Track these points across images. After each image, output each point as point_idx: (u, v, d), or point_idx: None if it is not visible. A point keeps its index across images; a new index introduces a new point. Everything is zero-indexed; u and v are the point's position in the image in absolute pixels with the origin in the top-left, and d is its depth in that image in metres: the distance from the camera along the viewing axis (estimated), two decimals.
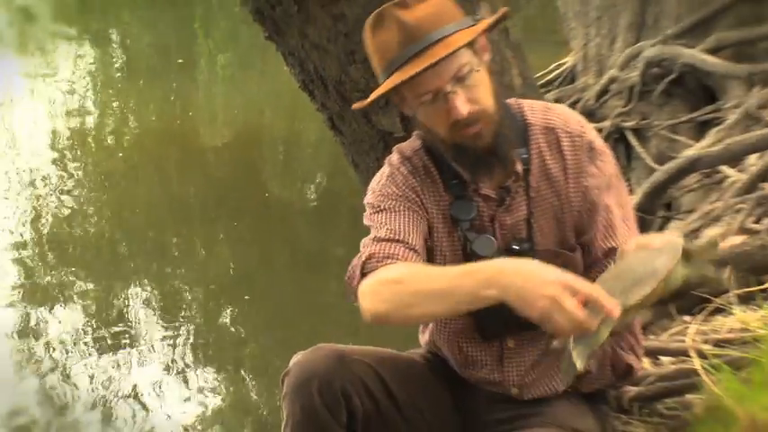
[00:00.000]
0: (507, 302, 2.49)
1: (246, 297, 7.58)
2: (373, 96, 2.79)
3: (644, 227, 4.70)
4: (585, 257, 2.89)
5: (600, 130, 8.26)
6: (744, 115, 6.71)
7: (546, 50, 10.63)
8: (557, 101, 8.61)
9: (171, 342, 6.94)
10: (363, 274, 2.78)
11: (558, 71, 9.71)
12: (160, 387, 6.31)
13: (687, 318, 4.03)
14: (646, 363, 3.69)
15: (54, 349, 6.76)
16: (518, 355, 2.96)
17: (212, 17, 17.50)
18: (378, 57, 2.78)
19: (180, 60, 13.83)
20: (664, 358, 3.73)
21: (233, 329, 7.24)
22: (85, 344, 6.85)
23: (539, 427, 2.89)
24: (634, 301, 2.45)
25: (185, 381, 6.46)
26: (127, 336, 6.94)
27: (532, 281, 2.43)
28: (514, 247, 2.85)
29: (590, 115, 8.44)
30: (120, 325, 7.05)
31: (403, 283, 2.65)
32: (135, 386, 6.29)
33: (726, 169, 5.92)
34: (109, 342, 6.87)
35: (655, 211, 5.14)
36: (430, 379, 3.06)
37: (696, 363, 3.42)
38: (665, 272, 2.46)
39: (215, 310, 7.57)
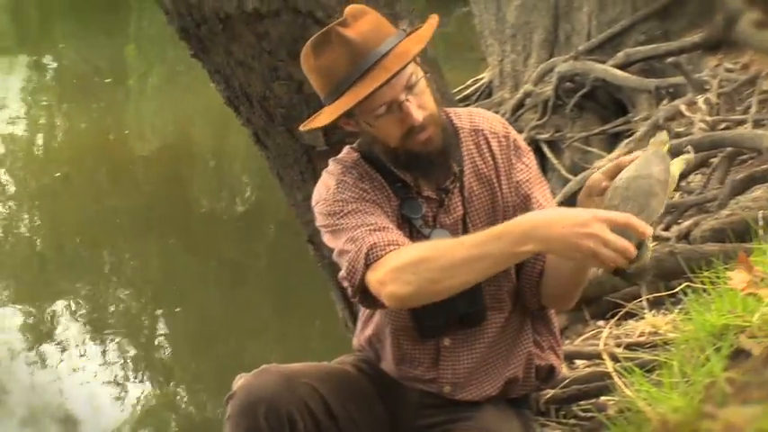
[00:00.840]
0: (549, 252, 2.64)
1: (177, 309, 7.58)
2: (332, 118, 2.76)
3: None
4: None
5: None
6: (652, 127, 6.82)
7: (464, 66, 10.75)
8: None
9: (101, 354, 6.91)
10: (367, 266, 2.75)
11: (475, 86, 9.84)
12: (91, 398, 6.29)
13: (600, 322, 4.11)
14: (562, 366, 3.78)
15: None
16: (453, 353, 3.00)
17: (143, 38, 17.34)
18: (323, 78, 2.78)
19: (108, 80, 13.68)
20: (579, 361, 3.80)
21: (163, 341, 7.23)
22: (15, 356, 6.81)
23: None
24: (659, 213, 2.55)
25: (116, 392, 6.44)
26: (57, 348, 6.90)
27: (570, 225, 2.48)
28: None
29: None
30: (51, 338, 7.01)
31: (425, 261, 2.64)
32: (66, 398, 6.25)
33: None
34: (39, 355, 6.82)
35: None
36: (364, 390, 3.07)
37: (609, 366, 3.47)
38: (668, 175, 2.56)
39: (145, 322, 7.55)
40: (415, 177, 2.91)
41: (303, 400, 2.88)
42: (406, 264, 2.67)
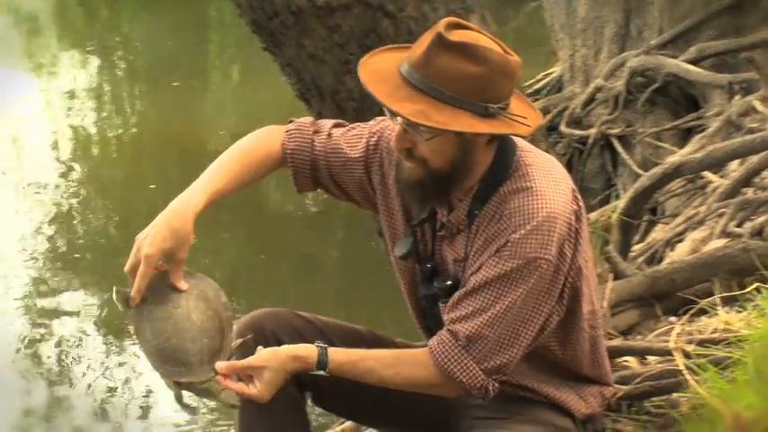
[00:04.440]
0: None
1: (245, 303, 7.60)
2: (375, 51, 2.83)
3: (629, 231, 4.78)
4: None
5: (587, 138, 8.38)
6: (725, 123, 6.79)
7: (534, 61, 10.69)
8: (544, 109, 8.71)
9: None
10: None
11: (545, 80, 9.82)
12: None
13: (672, 318, 4.08)
14: (634, 362, 3.77)
15: (62, 358, 6.79)
16: None
17: (219, 31, 17.40)
18: (417, 41, 2.72)
19: (178, 75, 13.70)
20: (651, 358, 3.78)
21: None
22: (87, 341, 6.90)
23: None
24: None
25: None
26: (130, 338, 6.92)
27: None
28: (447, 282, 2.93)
29: (577, 123, 8.57)
30: (122, 327, 7.02)
31: None
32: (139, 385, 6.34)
33: (708, 175, 6.01)
34: (109, 340, 6.90)
35: (640, 215, 5.21)
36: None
37: (680, 362, 3.46)
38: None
39: None
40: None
41: (293, 327, 3.03)
42: None
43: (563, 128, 8.65)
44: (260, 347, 2.80)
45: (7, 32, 18.12)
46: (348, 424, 4.00)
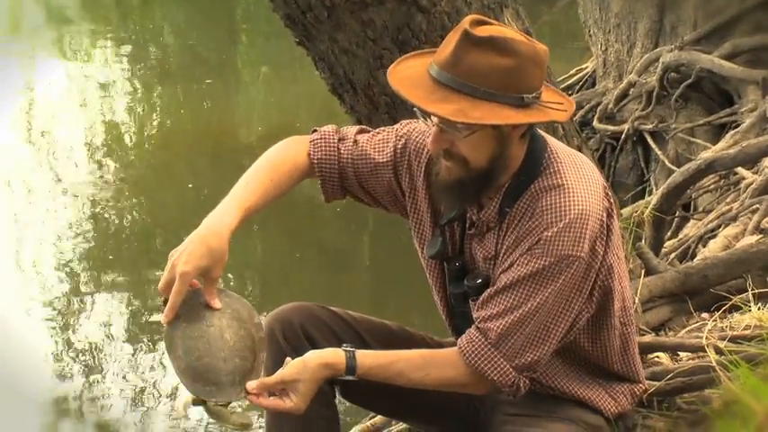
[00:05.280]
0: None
1: (276, 295, 7.59)
2: (400, 59, 2.85)
3: (662, 227, 4.77)
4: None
5: (620, 133, 8.37)
6: (759, 119, 6.77)
7: (568, 56, 10.67)
8: (577, 104, 8.68)
9: None
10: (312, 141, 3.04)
11: (578, 76, 9.79)
12: None
13: (705, 315, 4.08)
14: (665, 358, 3.77)
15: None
16: None
17: (249, 27, 17.40)
18: (443, 42, 2.73)
19: (208, 81, 13.69)
20: (682, 354, 3.78)
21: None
22: (115, 341, 6.93)
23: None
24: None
25: None
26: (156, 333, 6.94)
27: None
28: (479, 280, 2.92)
29: (609, 118, 8.55)
30: (150, 324, 7.06)
31: None
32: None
33: (742, 171, 6.00)
34: (139, 339, 6.94)
35: (673, 211, 5.20)
36: (412, 345, 3.06)
37: (712, 358, 3.46)
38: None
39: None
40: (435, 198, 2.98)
41: (322, 320, 3.04)
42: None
43: (596, 123, 8.63)
44: (288, 359, 2.81)
45: (39, 25, 18.17)
46: (378, 418, 4.02)
